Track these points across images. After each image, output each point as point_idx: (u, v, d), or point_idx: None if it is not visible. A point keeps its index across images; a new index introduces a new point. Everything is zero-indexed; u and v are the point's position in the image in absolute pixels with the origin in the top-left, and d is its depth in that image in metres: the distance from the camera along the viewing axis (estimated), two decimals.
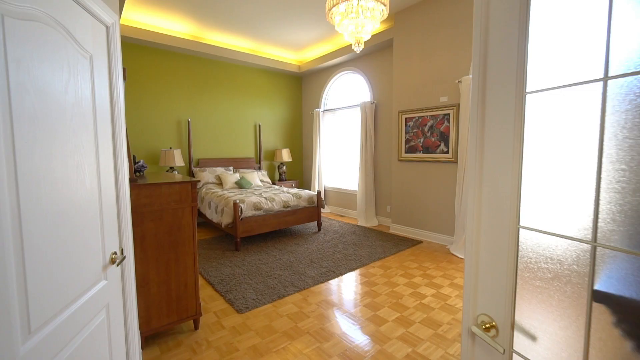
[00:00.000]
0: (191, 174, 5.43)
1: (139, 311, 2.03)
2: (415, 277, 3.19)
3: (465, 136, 3.86)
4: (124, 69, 2.26)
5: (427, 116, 4.37)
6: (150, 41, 4.70)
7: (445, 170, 4.20)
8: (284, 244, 4.27)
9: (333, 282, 3.09)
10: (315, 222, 5.18)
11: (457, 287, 2.96)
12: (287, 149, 6.40)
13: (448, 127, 4.15)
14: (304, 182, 7.15)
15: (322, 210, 6.43)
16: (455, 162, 4.08)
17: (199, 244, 4.28)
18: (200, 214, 5.06)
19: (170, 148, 4.96)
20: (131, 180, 1.97)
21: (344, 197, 6.15)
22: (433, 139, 4.32)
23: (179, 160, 4.94)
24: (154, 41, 4.71)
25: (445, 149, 4.20)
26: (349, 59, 5.72)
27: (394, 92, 4.74)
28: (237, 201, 3.95)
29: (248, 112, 6.15)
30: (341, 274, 3.26)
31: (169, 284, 2.12)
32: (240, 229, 3.96)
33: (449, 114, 4.14)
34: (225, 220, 4.01)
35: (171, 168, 5.01)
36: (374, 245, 4.15)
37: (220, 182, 5.41)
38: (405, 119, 4.62)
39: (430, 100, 4.31)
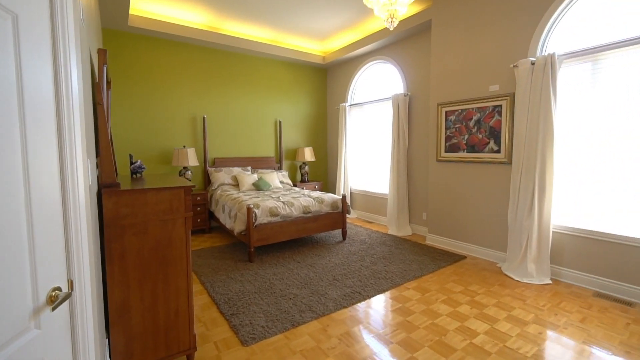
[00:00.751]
0: (206, 174, 5.10)
1: (117, 346, 1.62)
2: (462, 305, 2.58)
3: (522, 132, 3.17)
4: (102, 51, 1.88)
5: (472, 109, 3.71)
6: (163, 32, 4.39)
7: (495, 172, 3.53)
8: (303, 254, 3.78)
9: (359, 307, 2.56)
10: (340, 230, 4.66)
11: (517, 323, 2.32)
12: (310, 148, 5.93)
13: (499, 122, 3.48)
14: (328, 183, 6.65)
15: (347, 216, 5.89)
16: (509, 162, 3.40)
17: (210, 252, 3.90)
18: (214, 218, 4.71)
19: (184, 147, 4.64)
20: (109, 185, 1.56)
21: (372, 202, 5.58)
22: (480, 136, 3.66)
23: (192, 160, 4.61)
24: (166, 32, 4.40)
25: (495, 148, 3.52)
26: (379, 47, 5.14)
27: (432, 82, 4.11)
28: (251, 206, 3.52)
29: (268, 108, 5.74)
30: (369, 297, 2.71)
31: (156, 311, 1.70)
32: (254, 238, 3.53)
33: (500, 106, 3.47)
34: (238, 226, 3.59)
35: (184, 168, 4.70)
36: (408, 260, 3.56)
37: (236, 184, 5.04)
38: (446, 112, 3.98)
39: (476, 89, 3.65)
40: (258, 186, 4.89)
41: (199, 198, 4.69)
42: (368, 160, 5.67)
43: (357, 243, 4.21)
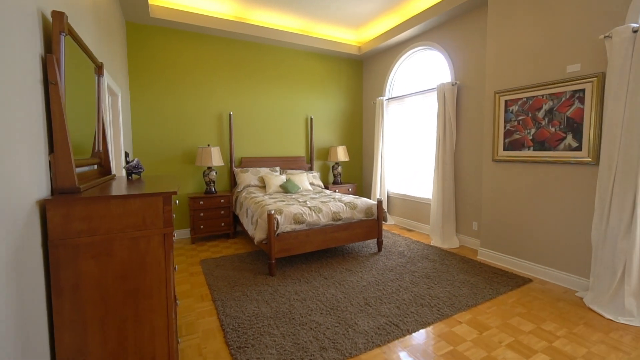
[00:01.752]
0: (232, 175, 4.81)
1: None
2: (537, 355, 1.93)
3: (617, 123, 2.41)
4: (58, 14, 1.52)
5: (542, 96, 2.98)
6: (186, 23, 4.16)
7: (573, 175, 2.78)
8: (331, 268, 3.30)
9: (396, 347, 2.02)
10: (375, 240, 4.10)
11: None
12: (343, 147, 5.42)
13: (580, 111, 2.72)
14: (364, 185, 6.09)
15: (384, 223, 5.29)
16: (594, 163, 2.63)
17: (229, 261, 3.56)
18: (239, 222, 4.40)
19: (208, 145, 4.38)
20: (65, 191, 1.21)
21: (413, 207, 4.93)
22: (553, 129, 2.91)
23: (217, 160, 4.33)
24: (190, 23, 4.16)
25: (574, 144, 2.77)
26: (421, 31, 4.50)
27: (487, 67, 3.41)
28: (273, 212, 3.11)
29: (298, 104, 5.34)
30: (409, 332, 2.16)
31: None
32: (275, 248, 3.12)
33: (582, 91, 2.71)
34: (259, 235, 3.20)
35: (209, 168, 4.44)
36: (457, 281, 2.92)
37: (263, 185, 4.69)
38: (506, 102, 3.27)
39: (548, 71, 2.91)
40: (286, 188, 4.50)
41: (222, 200, 4.41)
42: (408, 160, 5.03)
43: (394, 256, 3.64)
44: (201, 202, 4.28)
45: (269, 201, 3.70)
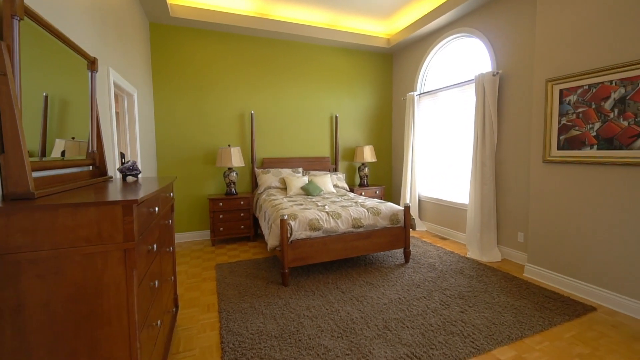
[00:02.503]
0: (253, 176, 4.66)
1: None
2: None
3: None
4: None
5: (610, 82, 2.43)
6: (206, 22, 4.06)
7: None
8: (351, 281, 2.99)
9: None
10: (402, 250, 3.69)
11: None
12: (370, 147, 5.06)
13: None
14: (393, 188, 5.67)
15: (413, 230, 4.85)
16: None
17: (244, 267, 3.38)
18: (259, 225, 4.23)
19: (229, 146, 4.26)
20: (17, 197, 1.04)
21: (447, 213, 4.45)
22: (625, 123, 2.36)
23: (237, 160, 4.20)
24: (210, 21, 4.06)
25: None
26: (457, 16, 4.02)
27: (537, 49, 2.90)
28: (286, 217, 2.87)
29: (323, 102, 5.07)
30: None
31: None
32: (288, 256, 2.87)
33: None
34: (272, 241, 2.98)
35: (229, 169, 4.32)
36: (498, 304, 2.47)
37: (285, 187, 4.49)
38: (561, 91, 2.74)
39: (619, 51, 2.37)
40: (307, 190, 4.25)
41: (242, 202, 4.26)
42: (442, 161, 4.55)
43: (423, 268, 3.23)
44: (220, 204, 4.16)
45: (285, 204, 3.47)
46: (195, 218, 4.48)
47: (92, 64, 1.87)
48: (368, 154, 5.02)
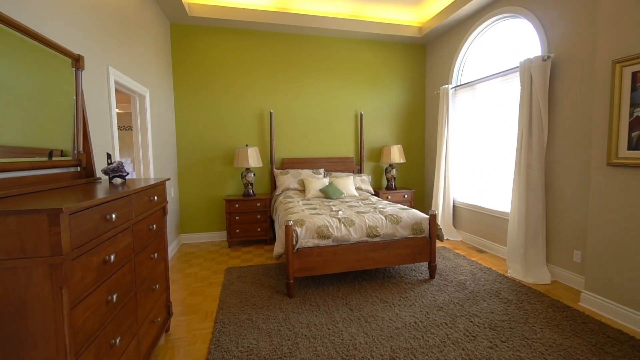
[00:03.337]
0: (272, 177, 4.51)
1: None
2: None
3: None
4: None
5: None
6: (224, 19, 3.98)
7: None
8: (362, 296, 2.66)
9: None
10: (427, 264, 3.23)
11: None
12: (399, 146, 4.65)
13: None
14: (425, 192, 5.18)
15: (448, 239, 4.35)
16: None
17: (253, 272, 3.20)
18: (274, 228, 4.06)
19: (246, 146, 4.14)
20: None
21: (485, 221, 3.90)
22: None
23: (253, 161, 4.06)
24: (228, 19, 3.97)
25: None
26: None
27: (600, 23, 2.33)
28: (291, 223, 2.63)
29: (346, 99, 4.76)
30: None
31: None
32: (293, 266, 2.63)
33: None
34: (277, 248, 2.76)
35: (247, 170, 4.20)
36: (541, 342, 1.99)
37: (303, 189, 4.27)
38: (634, 75, 2.16)
39: None
40: (326, 193, 3.99)
41: (258, 204, 4.12)
42: (480, 161, 3.99)
43: (451, 287, 2.80)
44: (236, 205, 4.06)
45: (297, 208, 3.24)
46: (215, 219, 4.44)
47: (76, 61, 1.79)
48: (396, 154, 4.61)
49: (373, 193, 4.50)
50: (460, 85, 4.18)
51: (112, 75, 2.35)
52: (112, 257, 1.32)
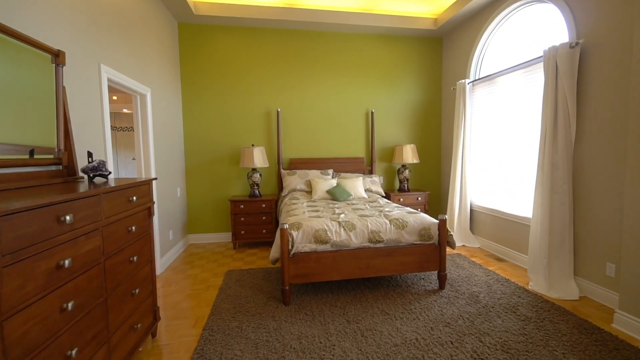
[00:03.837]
0: (279, 178, 4.39)
1: None
2: None
3: None
4: None
5: None
6: (231, 17, 3.91)
7: None
8: (362, 306, 2.47)
9: None
10: (436, 272, 2.95)
11: None
12: (412, 146, 4.39)
13: None
14: (442, 194, 4.87)
15: (465, 245, 4.05)
16: None
17: (252, 276, 3.08)
18: None
19: (252, 145, 4.06)
20: None
21: (505, 227, 3.58)
22: None
23: (259, 161, 3.97)
24: (235, 16, 3.90)
25: None
26: None
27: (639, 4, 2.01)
28: (287, 226, 2.49)
29: (357, 97, 4.57)
30: None
31: None
32: (289, 272, 2.49)
33: None
34: (273, 252, 2.63)
35: (253, 170, 4.12)
36: None
37: (310, 190, 4.12)
38: None
39: None
40: (333, 195, 3.82)
41: (264, 205, 4.02)
42: (499, 162, 3.67)
43: (462, 299, 2.54)
44: (242, 206, 3.98)
45: (299, 210, 3.09)
46: (222, 220, 4.39)
47: (56, 57, 1.75)
48: (409, 154, 4.36)
49: (384, 195, 4.28)
50: (479, 79, 3.87)
51: (104, 73, 2.31)
52: (67, 262, 1.23)
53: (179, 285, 2.98)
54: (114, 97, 5.73)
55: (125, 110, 6.01)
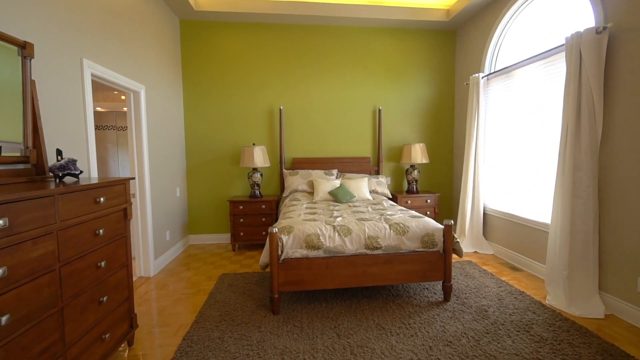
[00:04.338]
0: (281, 178, 4.24)
1: None
2: None
3: None
4: None
5: None
6: (233, 12, 3.79)
7: None
8: (357, 319, 2.27)
9: None
10: (440, 283, 2.69)
11: None
12: (421, 145, 4.13)
13: None
14: (454, 196, 4.58)
15: (477, 251, 3.76)
16: None
17: (245, 281, 2.94)
18: None
19: (253, 144, 3.92)
20: None
21: (522, 233, 3.27)
22: None
23: (259, 160, 3.83)
24: (236, 11, 3.78)
25: None
26: None
27: None
28: (276, 230, 2.32)
29: (363, 94, 4.35)
30: None
31: None
32: (278, 279, 2.32)
33: None
34: (263, 257, 2.47)
35: (254, 170, 3.98)
36: None
37: (312, 191, 3.94)
38: None
39: None
40: (335, 196, 3.64)
41: (263, 206, 3.88)
42: (516, 162, 3.36)
43: (468, 314, 2.29)
44: (241, 207, 3.86)
45: (295, 213, 2.93)
46: (223, 220, 4.29)
47: (23, 49, 1.65)
48: (418, 154, 4.10)
49: (390, 197, 4.04)
50: (494, 72, 3.57)
51: (87, 68, 2.22)
52: (1, 271, 1.10)
53: (170, 289, 2.87)
54: (122, 97, 5.75)
55: (125, 109, 6.02)
